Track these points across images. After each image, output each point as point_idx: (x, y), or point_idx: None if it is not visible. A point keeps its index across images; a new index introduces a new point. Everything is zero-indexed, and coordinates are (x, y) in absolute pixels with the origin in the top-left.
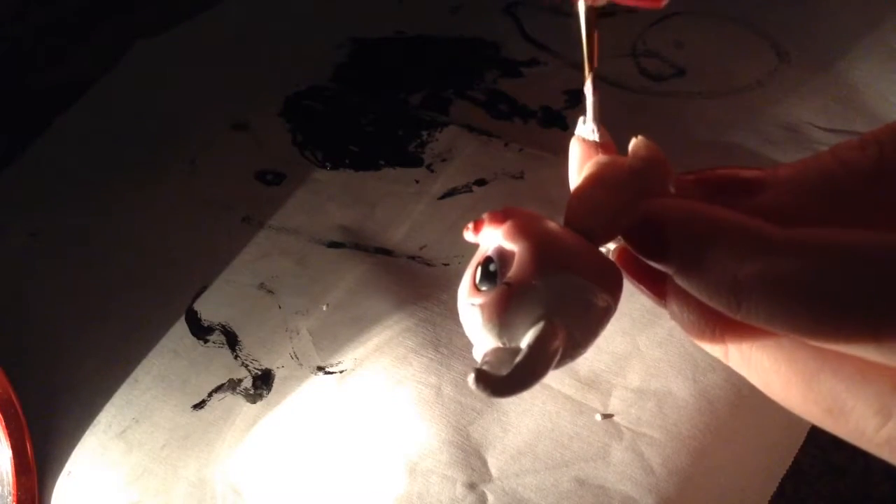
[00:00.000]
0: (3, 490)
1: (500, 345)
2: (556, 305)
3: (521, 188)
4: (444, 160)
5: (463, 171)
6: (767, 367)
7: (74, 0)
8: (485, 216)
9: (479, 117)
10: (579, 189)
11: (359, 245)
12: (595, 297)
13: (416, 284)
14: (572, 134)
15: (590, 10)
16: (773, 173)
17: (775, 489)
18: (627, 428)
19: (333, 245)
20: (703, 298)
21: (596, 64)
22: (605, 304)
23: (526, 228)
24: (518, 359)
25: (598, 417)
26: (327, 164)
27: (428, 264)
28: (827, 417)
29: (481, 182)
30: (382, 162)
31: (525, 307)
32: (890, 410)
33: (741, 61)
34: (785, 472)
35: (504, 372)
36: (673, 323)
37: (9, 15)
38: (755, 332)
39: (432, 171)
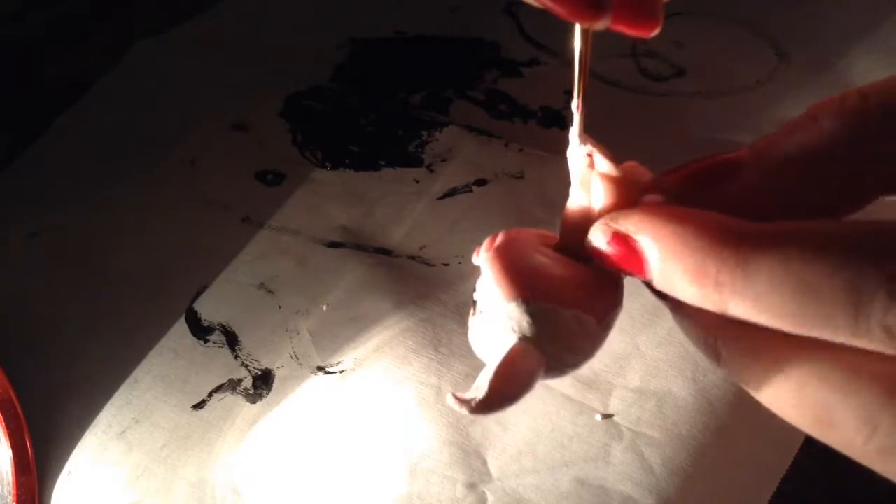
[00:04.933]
0: (3, 490)
1: (488, 366)
2: (527, 328)
3: (521, 188)
4: (444, 160)
5: (463, 171)
6: (760, 375)
7: (74, 0)
8: (485, 242)
9: (479, 117)
10: (565, 211)
11: (359, 245)
12: (571, 316)
13: (416, 284)
14: None
15: (585, 33)
16: (751, 148)
17: (775, 489)
18: (627, 428)
19: (333, 245)
20: (689, 302)
21: (586, 86)
22: (588, 322)
23: (500, 255)
24: (487, 379)
25: (598, 417)
26: (327, 164)
27: (428, 264)
28: (817, 427)
29: (481, 182)
30: (382, 162)
31: (495, 330)
32: (877, 422)
33: (741, 61)
34: (785, 472)
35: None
36: (673, 323)
37: (9, 15)
38: (748, 340)
39: (432, 171)
